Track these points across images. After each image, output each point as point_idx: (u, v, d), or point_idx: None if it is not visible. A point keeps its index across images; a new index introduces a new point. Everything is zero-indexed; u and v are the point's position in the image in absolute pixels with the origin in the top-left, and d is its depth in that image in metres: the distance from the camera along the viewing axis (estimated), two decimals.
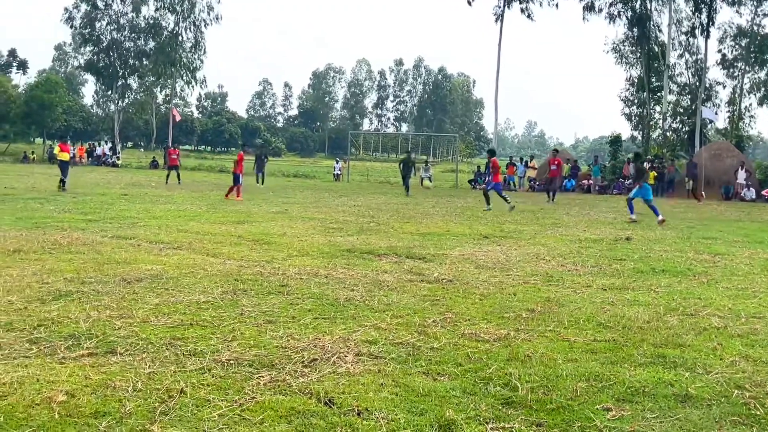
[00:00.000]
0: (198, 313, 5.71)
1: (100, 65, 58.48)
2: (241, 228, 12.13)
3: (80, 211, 14.06)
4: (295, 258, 8.93)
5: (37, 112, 55.83)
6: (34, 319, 5.30)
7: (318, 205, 18.54)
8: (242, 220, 13.52)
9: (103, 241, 9.74)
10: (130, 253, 8.81)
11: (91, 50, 59.30)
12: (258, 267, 8.07)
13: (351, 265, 8.48)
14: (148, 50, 57.70)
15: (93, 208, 14.82)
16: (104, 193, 19.95)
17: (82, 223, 11.92)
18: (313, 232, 12.05)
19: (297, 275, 7.61)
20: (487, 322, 5.75)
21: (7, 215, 12.84)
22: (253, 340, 4.95)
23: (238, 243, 10.17)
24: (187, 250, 9.32)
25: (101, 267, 7.65)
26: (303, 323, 5.50)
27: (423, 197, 24.84)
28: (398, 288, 7.08)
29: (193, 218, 13.59)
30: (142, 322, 5.35)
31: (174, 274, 7.38)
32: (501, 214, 17.73)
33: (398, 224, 13.83)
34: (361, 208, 18.18)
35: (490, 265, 8.85)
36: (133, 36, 58.30)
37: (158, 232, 11.10)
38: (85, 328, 5.09)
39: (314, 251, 9.60)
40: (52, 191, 19.94)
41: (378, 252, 9.66)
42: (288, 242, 10.41)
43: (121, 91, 61.64)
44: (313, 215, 15.21)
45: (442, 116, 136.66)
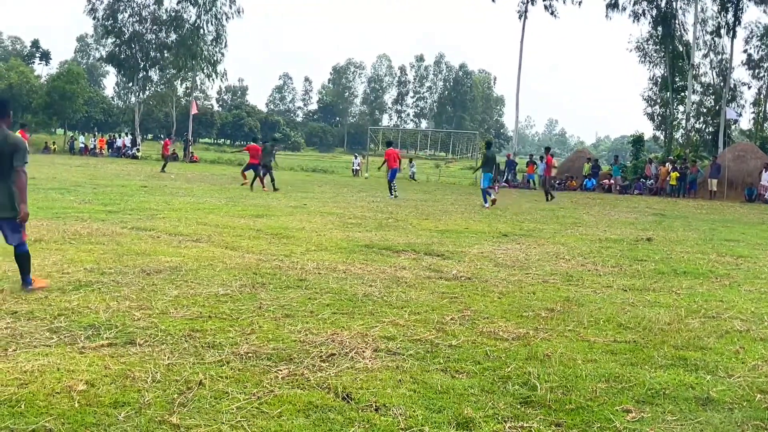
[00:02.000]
0: (217, 305, 5.74)
1: (121, 57, 58.73)
2: (260, 222, 12.18)
3: (100, 202, 14.17)
4: (313, 252, 8.96)
5: (59, 103, 56.39)
6: (54, 309, 5.36)
7: (336, 201, 18.56)
8: (261, 213, 13.57)
9: (122, 233, 9.82)
10: (150, 244, 8.88)
11: (113, 42, 59.57)
12: (277, 261, 8.10)
13: (369, 261, 8.49)
14: (169, 43, 57.87)
15: (113, 200, 14.94)
16: (124, 184, 20.08)
17: (102, 214, 12.03)
18: (332, 227, 12.07)
19: (315, 270, 7.63)
20: (506, 320, 5.74)
21: (29, 205, 12.94)
22: (272, 334, 4.97)
23: (257, 237, 10.22)
24: (206, 242, 9.38)
25: (121, 258, 7.71)
26: (321, 318, 5.52)
27: (441, 194, 24.80)
28: (416, 285, 7.08)
29: (213, 211, 13.66)
30: (161, 313, 5.39)
31: (193, 266, 7.43)
32: (521, 212, 17.66)
33: (417, 221, 13.82)
34: (380, 203, 18.19)
35: (509, 264, 8.82)
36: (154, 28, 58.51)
37: (177, 224, 11.17)
38: (105, 319, 5.14)
39: (332, 246, 9.62)
40: (73, 182, 20.10)
41: (396, 248, 9.66)
42: (306, 237, 10.44)
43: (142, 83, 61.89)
44: (332, 210, 15.23)
45: (462, 113, 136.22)
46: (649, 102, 48.58)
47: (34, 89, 57.72)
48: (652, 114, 48.59)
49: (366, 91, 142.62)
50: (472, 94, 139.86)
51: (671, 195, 31.04)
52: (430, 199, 21.38)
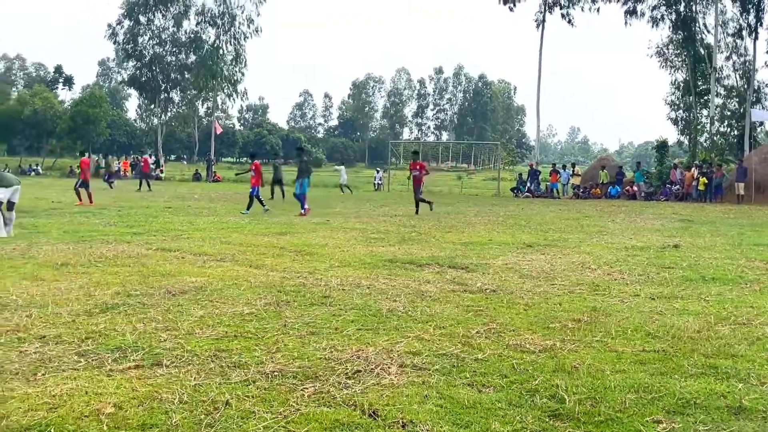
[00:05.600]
0: (242, 324, 5.78)
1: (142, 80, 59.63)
2: (283, 239, 12.24)
3: (125, 225, 14.34)
4: (337, 269, 8.98)
5: (83, 127, 57.29)
6: (81, 332, 5.42)
7: (359, 215, 18.60)
8: (284, 231, 13.64)
9: (147, 254, 9.92)
10: (175, 265, 8.96)
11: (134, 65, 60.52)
12: (300, 278, 8.13)
13: (393, 276, 8.49)
14: (189, 64, 58.66)
15: (138, 221, 15.11)
16: (148, 206, 20.30)
17: (127, 236, 12.16)
18: (355, 242, 12.09)
19: (339, 286, 7.64)
20: (532, 332, 5.70)
21: (55, 229, 13.16)
22: (297, 352, 4.99)
23: (281, 254, 10.26)
24: (231, 261, 9.44)
25: (146, 279, 7.79)
26: (346, 334, 5.52)
27: (464, 206, 24.75)
28: (441, 298, 7.06)
29: (236, 230, 13.75)
30: (187, 334, 5.43)
31: (218, 286, 7.48)
32: (545, 222, 17.57)
33: (440, 233, 13.80)
34: (402, 217, 18.19)
35: (534, 275, 8.77)
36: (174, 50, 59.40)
37: (202, 244, 11.27)
38: (132, 341, 5.19)
39: (356, 262, 9.63)
40: (98, 204, 20.35)
41: (420, 262, 9.65)
42: (330, 253, 10.47)
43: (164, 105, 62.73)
44: (354, 225, 15.26)
45: (483, 123, 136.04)
46: (672, 107, 48.18)
47: (57, 114, 58.57)
48: (676, 119, 48.19)
49: (386, 105, 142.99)
50: (493, 105, 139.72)
51: (698, 200, 30.68)
52: (453, 212, 21.34)
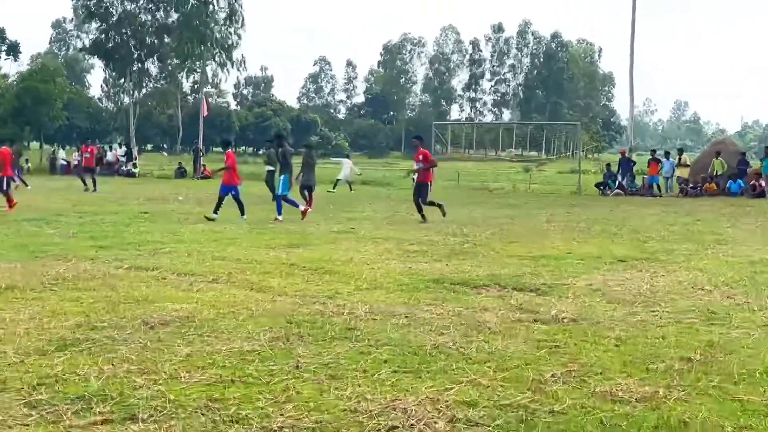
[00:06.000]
0: (241, 365, 5.81)
1: (109, 46, 60.09)
2: (294, 253, 12.29)
3: (88, 236, 14.51)
4: (365, 292, 8.99)
5: (32, 109, 57.77)
6: (32, 376, 5.49)
7: (394, 221, 18.60)
8: (295, 243, 13.71)
9: (117, 274, 10.03)
10: (153, 288, 9.04)
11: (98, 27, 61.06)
12: (317, 304, 8.15)
13: (439, 301, 8.48)
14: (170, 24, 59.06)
15: (104, 232, 15.29)
16: (118, 211, 20.52)
17: (91, 251, 12.30)
18: (388, 256, 12.10)
19: (368, 315, 7.65)
20: (627, 375, 5.66)
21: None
22: (313, 402, 5.00)
23: (291, 273, 10.31)
24: (226, 283, 9.50)
25: (116, 307, 7.87)
26: (378, 379, 5.53)
27: (534, 207, 24.62)
28: (504, 331, 7.04)
29: (233, 241, 13.85)
30: (169, 378, 5.48)
31: (209, 315, 7.53)
32: (642, 228, 17.41)
33: (501, 245, 13.75)
34: (451, 223, 18.14)
35: (628, 299, 8.70)
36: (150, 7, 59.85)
37: (188, 260, 11.37)
38: (98, 388, 5.24)
39: (390, 282, 9.63)
40: (54, 210, 20.62)
41: (475, 282, 9.63)
42: (356, 271, 10.49)
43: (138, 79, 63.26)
44: (388, 234, 15.28)
45: (558, 98, 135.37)
46: None
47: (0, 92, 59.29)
48: None
49: (428, 75, 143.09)
50: (570, 73, 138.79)
51: None
52: (519, 215, 21.24)
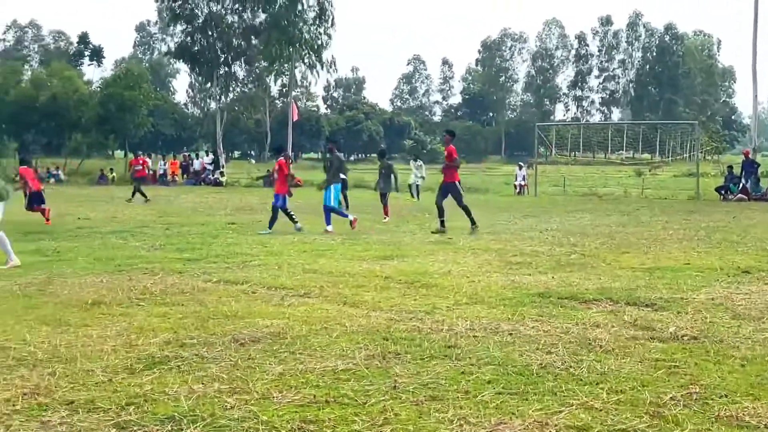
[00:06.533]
0: (335, 385, 5.86)
1: (194, 49, 61.07)
2: (388, 265, 12.34)
3: (175, 248, 14.85)
4: (465, 307, 8.97)
5: (116, 116, 58.98)
6: (121, 396, 5.63)
7: (494, 231, 18.51)
8: (389, 254, 13.75)
9: (206, 288, 10.23)
10: (243, 303, 9.19)
11: (183, 29, 62.15)
12: (414, 320, 8.17)
13: (545, 317, 8.40)
14: (257, 25, 59.83)
15: (191, 244, 15.62)
16: (205, 222, 20.92)
17: (178, 264, 12.59)
18: (489, 268, 12.05)
19: (469, 331, 7.63)
20: (754, 398, 5.52)
21: (82, 255, 13.78)
22: (413, 424, 5.01)
23: (386, 287, 10.35)
24: (318, 297, 9.60)
25: (205, 323, 8.03)
26: (481, 400, 5.50)
27: (648, 214, 24.20)
28: (617, 349, 6.94)
29: (324, 253, 13.98)
30: (261, 398, 5.56)
31: (301, 331, 7.62)
32: None
33: (612, 255, 13.57)
34: (557, 232, 18.00)
35: (754, 314, 8.49)
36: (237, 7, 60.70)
37: (278, 273, 11.52)
38: (188, 408, 5.35)
39: (491, 296, 9.59)
40: (139, 221, 21.16)
41: (585, 297, 9.52)
42: (454, 284, 10.47)
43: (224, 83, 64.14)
44: (488, 245, 15.22)
45: (673, 95, 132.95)
46: None
47: (83, 99, 60.59)
48: None
49: (530, 72, 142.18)
50: (686, 68, 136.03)
51: None
52: (631, 223, 20.92)
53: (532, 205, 30.27)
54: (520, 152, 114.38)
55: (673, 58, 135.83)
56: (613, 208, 28.21)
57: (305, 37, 56.94)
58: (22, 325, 7.91)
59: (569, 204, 31.16)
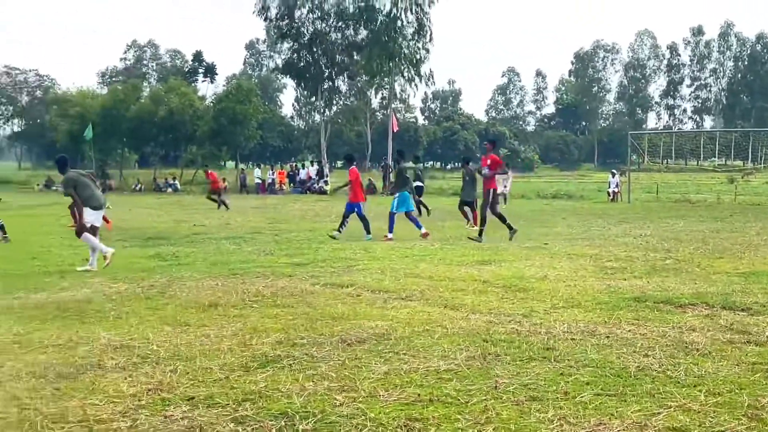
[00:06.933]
0: (438, 385, 5.86)
1: (301, 65, 62.04)
2: (486, 270, 12.30)
3: (284, 253, 15.06)
4: (562, 310, 8.89)
5: (228, 129, 60.24)
6: (238, 392, 5.75)
7: (589, 236, 18.29)
8: (487, 259, 13.70)
9: (314, 291, 10.35)
10: (348, 305, 9.28)
11: (290, 47, 63.16)
12: (513, 323, 8.12)
13: (641, 320, 8.27)
14: (359, 42, 60.38)
15: (300, 249, 15.83)
16: (312, 228, 21.18)
17: (287, 268, 12.77)
18: (585, 273, 11.91)
19: (566, 334, 7.56)
20: None
21: (199, 260, 14.10)
22: (514, 424, 4.99)
23: (485, 290, 10.32)
24: (419, 300, 9.62)
25: (314, 324, 8.12)
26: (580, 401, 5.45)
27: (742, 220, 23.60)
28: (713, 353, 6.79)
29: (424, 258, 14.00)
30: (368, 396, 5.60)
31: (404, 332, 7.65)
32: None
33: (707, 260, 13.27)
34: (651, 238, 17.69)
35: None
36: (340, 25, 61.39)
37: (381, 277, 11.58)
38: (300, 404, 5.43)
39: (588, 300, 9.48)
40: (250, 228, 21.55)
41: (680, 301, 9.33)
42: (551, 288, 10.39)
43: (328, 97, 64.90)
44: (583, 250, 15.03)
45: (765, 103, 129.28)
46: None
47: (198, 114, 61.99)
48: None
49: (622, 82, 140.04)
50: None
51: None
52: (725, 229, 20.42)
53: (625, 212, 29.80)
54: (612, 160, 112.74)
55: (765, 66, 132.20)
56: (706, 214, 27.58)
57: (404, 52, 57.23)
58: (145, 326, 8.15)
59: (662, 210, 30.59)
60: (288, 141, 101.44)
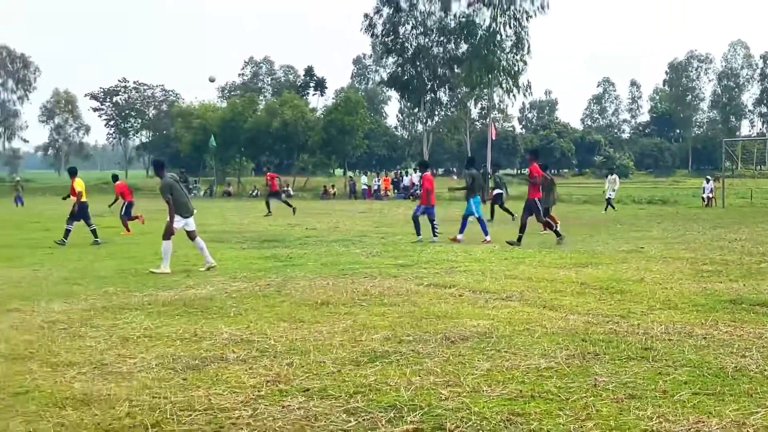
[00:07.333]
0: (539, 382, 5.80)
1: (404, 78, 62.28)
2: (583, 272, 12.12)
3: (390, 255, 15.13)
4: (658, 312, 8.71)
5: (337, 139, 61.13)
6: (349, 385, 5.80)
7: (684, 240, 17.86)
8: (584, 262, 13.51)
9: (418, 291, 10.37)
10: (451, 305, 9.26)
11: (395, 61, 63.45)
12: (611, 323, 8.00)
13: (738, 322, 8.06)
14: (460, 55, 60.29)
15: (404, 251, 15.88)
16: (412, 232, 21.20)
17: (393, 269, 12.83)
18: (681, 276, 11.64)
19: (664, 335, 7.40)
20: None
21: (311, 261, 14.27)
22: (613, 420, 4.90)
23: (582, 292, 10.18)
24: (519, 301, 9.55)
25: (419, 322, 8.14)
26: (678, 400, 5.32)
27: None
28: None
29: (523, 261, 13.88)
30: (472, 391, 5.58)
31: (505, 331, 7.60)
32: None
33: None
34: (746, 242, 17.18)
35: None
36: (442, 40, 61.40)
37: (482, 278, 11.53)
38: (407, 398, 5.44)
39: (684, 302, 9.27)
40: (358, 231, 21.73)
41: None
42: (648, 290, 10.18)
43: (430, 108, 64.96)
44: (679, 254, 14.69)
45: None
46: None
47: (309, 125, 63.02)
48: None
49: (716, 91, 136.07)
50: None
51: None
52: None
53: (720, 216, 28.97)
54: (706, 166, 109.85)
55: None
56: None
57: (503, 64, 56.85)
58: (263, 321, 8.30)
59: (757, 215, 29.64)
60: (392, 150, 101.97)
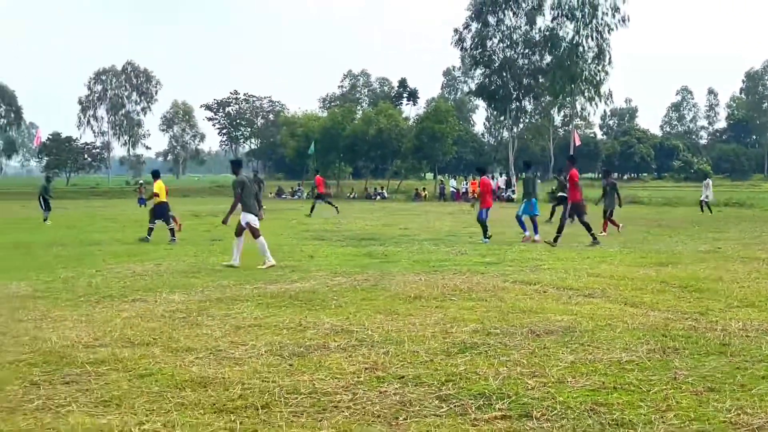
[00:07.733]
0: (621, 374, 5.72)
1: (491, 88, 62.03)
2: (663, 271, 11.87)
3: (477, 253, 15.07)
4: (736, 309, 8.48)
5: (428, 145, 61.26)
6: (441, 374, 5.81)
7: (761, 241, 17.31)
8: (664, 261, 13.21)
9: (505, 287, 10.31)
10: (536, 300, 9.19)
11: (482, 72, 63.26)
12: (690, 320, 7.83)
13: None
14: (544, 66, 59.73)
15: (490, 250, 15.79)
16: (501, 232, 21.07)
17: (481, 266, 12.78)
18: (758, 275, 11.30)
19: (742, 331, 7.21)
20: None
21: (404, 258, 14.32)
22: (693, 412, 4.81)
23: (662, 290, 9.97)
24: (601, 297, 9.41)
25: (506, 316, 8.10)
26: (756, 393, 5.18)
27: None
28: None
29: (605, 259, 13.66)
30: (557, 382, 5.53)
31: (588, 326, 7.50)
32: None
33: None
34: None
35: None
36: (527, 52, 60.92)
37: (565, 276, 11.39)
38: (496, 387, 5.43)
39: (762, 300, 9.01)
40: (446, 231, 21.73)
41: None
42: (726, 289, 9.91)
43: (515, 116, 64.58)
44: (756, 254, 14.24)
45: None
46: None
47: (402, 132, 63.36)
48: None
49: None
50: None
51: None
52: None
53: None
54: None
55: None
56: None
57: (585, 74, 56.12)
58: (361, 314, 8.38)
59: None
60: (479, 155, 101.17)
